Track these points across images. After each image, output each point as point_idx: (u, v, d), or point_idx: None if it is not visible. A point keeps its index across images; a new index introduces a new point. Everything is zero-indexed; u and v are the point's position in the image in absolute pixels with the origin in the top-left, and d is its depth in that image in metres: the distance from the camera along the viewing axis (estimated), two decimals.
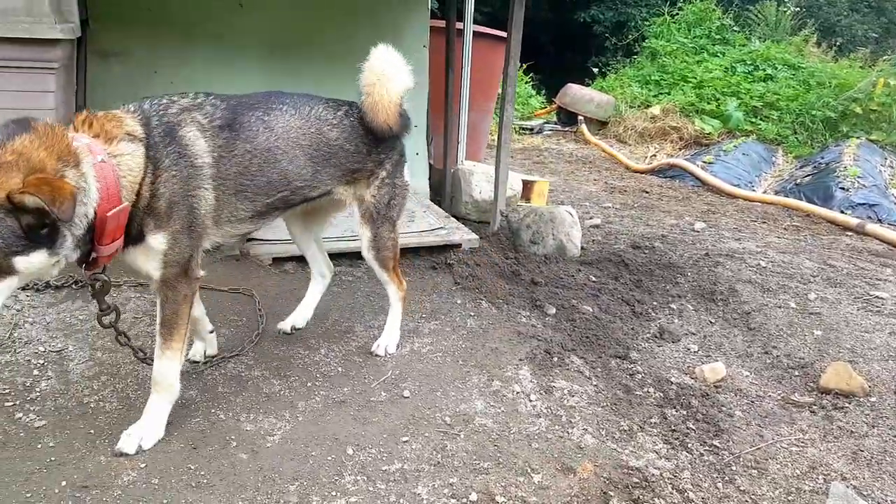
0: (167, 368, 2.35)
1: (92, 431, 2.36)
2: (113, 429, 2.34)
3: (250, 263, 3.88)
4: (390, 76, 2.77)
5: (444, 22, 5.83)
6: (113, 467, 2.19)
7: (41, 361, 2.72)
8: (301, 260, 3.96)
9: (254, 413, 2.57)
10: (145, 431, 2.31)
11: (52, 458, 2.20)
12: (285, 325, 3.19)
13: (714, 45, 12.79)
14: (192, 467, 2.22)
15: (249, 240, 3.99)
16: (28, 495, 2.03)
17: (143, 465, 2.21)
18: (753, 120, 10.03)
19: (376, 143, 2.84)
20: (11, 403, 2.46)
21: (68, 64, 3.72)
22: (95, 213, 1.99)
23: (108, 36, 4.74)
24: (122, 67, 5.11)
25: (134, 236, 2.17)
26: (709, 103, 10.41)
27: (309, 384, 2.81)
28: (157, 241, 2.21)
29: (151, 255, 2.22)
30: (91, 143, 2.02)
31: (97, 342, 2.85)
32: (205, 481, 2.17)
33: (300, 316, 3.23)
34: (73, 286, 3.24)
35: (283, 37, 5.64)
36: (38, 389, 2.56)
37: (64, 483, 2.09)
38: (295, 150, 2.57)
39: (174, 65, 5.28)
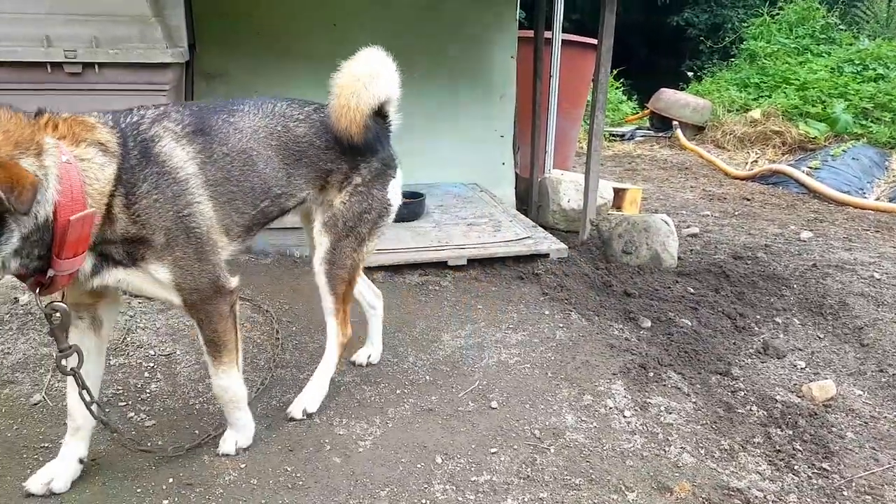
0: (227, 383, 2.27)
1: (197, 431, 2.48)
2: (216, 430, 2.45)
3: None
4: (367, 82, 2.54)
5: (532, 32, 5.81)
6: (216, 466, 2.29)
7: (151, 364, 2.89)
8: (390, 269, 4.03)
9: (346, 418, 2.62)
10: (239, 437, 2.39)
11: (161, 456, 2.33)
12: (361, 358, 3.05)
13: (818, 44, 12.12)
14: (289, 469, 2.30)
15: None
16: (138, 490, 2.16)
17: (242, 466, 2.30)
18: (863, 122, 9.40)
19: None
20: (124, 403, 2.64)
21: (177, 86, 3.96)
22: (55, 215, 1.74)
23: (213, 59, 5.02)
24: (225, 88, 5.39)
25: (119, 261, 1.97)
26: (814, 106, 9.85)
27: (398, 391, 2.85)
28: (160, 272, 2.01)
29: (160, 285, 2.04)
30: (57, 143, 1.81)
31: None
32: (300, 483, 2.23)
33: (374, 351, 3.08)
34: None
35: None
36: (148, 391, 2.73)
37: (171, 480, 2.21)
38: (267, 150, 2.33)
39: (272, 84, 5.53)
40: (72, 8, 3.35)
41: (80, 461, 2.20)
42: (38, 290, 1.86)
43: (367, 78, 2.54)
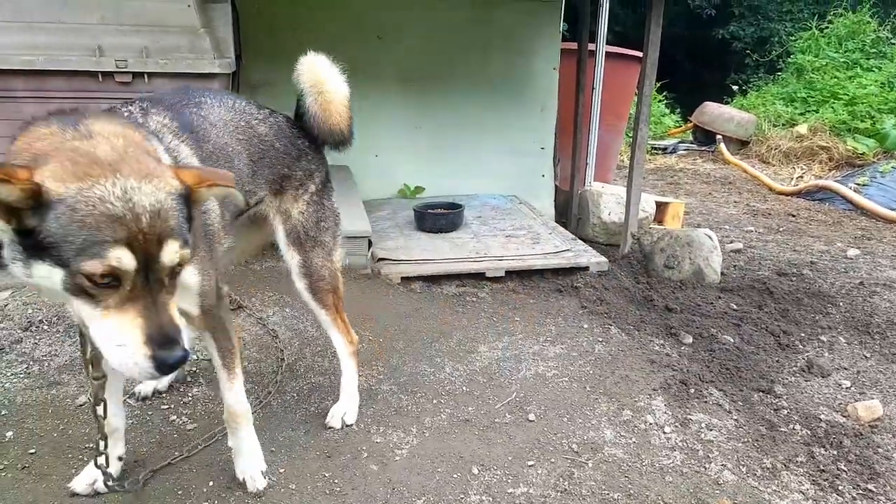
0: (240, 394, 2.19)
1: None
2: (258, 431, 2.50)
3: (380, 283, 4.02)
4: (333, 78, 2.53)
5: (575, 44, 5.82)
6: None
7: (193, 369, 2.96)
8: (428, 280, 4.07)
9: (383, 426, 2.65)
10: (247, 466, 2.27)
11: (201, 459, 2.38)
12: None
13: (868, 59, 11.83)
14: (327, 475, 2.33)
15: (380, 259, 4.15)
16: (179, 492, 2.22)
17: (281, 471, 2.34)
18: None
19: (306, 149, 2.55)
20: (167, 407, 2.70)
21: None
22: None
23: (258, 69, 5.14)
24: (269, 97, 5.51)
25: None
26: (863, 121, 9.61)
27: (434, 401, 2.87)
28: (190, 275, 1.86)
29: (187, 292, 1.88)
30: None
31: (244, 352, 3.07)
32: (338, 489, 2.26)
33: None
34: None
35: (418, 67, 5.88)
36: (190, 395, 2.79)
37: (211, 483, 2.26)
38: (237, 145, 2.24)
39: None
40: (123, 19, 3.47)
41: (119, 458, 2.26)
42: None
43: (333, 77, 2.55)
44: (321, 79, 2.48)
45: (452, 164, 6.02)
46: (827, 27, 12.91)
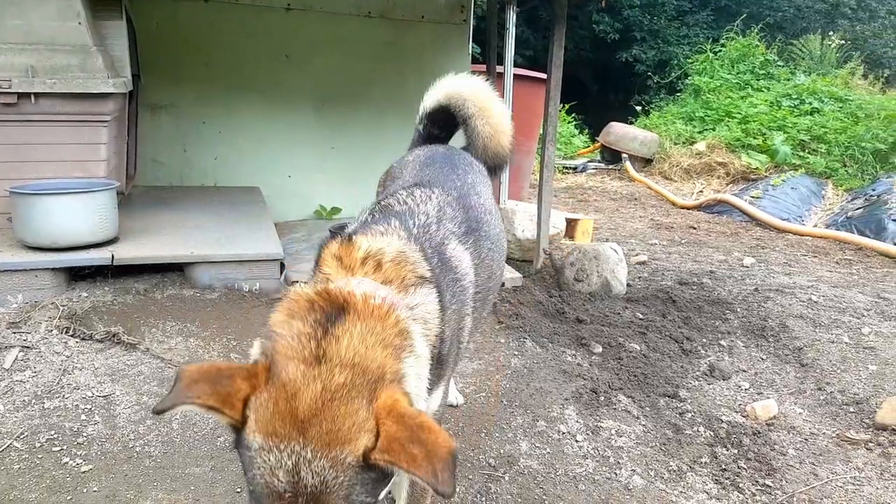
0: None
1: (137, 475, 2.39)
2: (157, 473, 2.39)
3: None
4: (497, 98, 2.56)
5: (484, 66, 5.96)
6: None
7: (89, 406, 2.76)
8: None
9: None
10: None
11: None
12: None
13: (758, 80, 12.68)
14: None
15: (294, 282, 4.08)
16: None
17: None
18: (801, 154, 9.84)
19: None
20: (59, 448, 2.50)
21: (119, 116, 3.91)
22: None
23: (159, 89, 5.00)
24: (171, 119, 5.38)
25: None
26: (755, 138, 10.26)
27: None
28: (435, 398, 1.64)
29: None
30: (393, 299, 1.45)
31: (143, 387, 2.92)
32: None
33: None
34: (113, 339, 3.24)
35: (331, 87, 5.87)
36: (85, 434, 2.60)
37: None
38: (498, 231, 2.14)
39: (221, 115, 5.53)
40: (7, 37, 3.28)
41: None
42: None
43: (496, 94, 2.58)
44: (490, 104, 2.50)
45: (370, 185, 6.01)
46: (720, 50, 13.76)
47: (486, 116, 2.48)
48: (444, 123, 2.63)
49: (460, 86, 2.51)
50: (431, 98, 2.59)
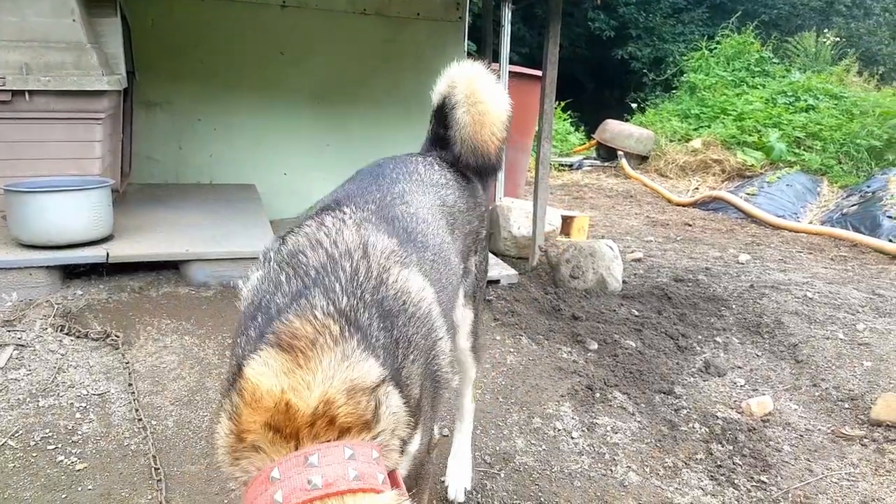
0: None
1: (132, 474, 2.39)
2: (152, 471, 2.38)
3: None
4: (493, 89, 2.21)
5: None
6: None
7: (83, 405, 2.76)
8: None
9: None
10: None
11: (93, 502, 2.23)
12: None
13: (754, 77, 12.69)
14: None
15: None
16: None
17: None
18: (796, 151, 9.86)
19: (474, 190, 2.27)
20: (53, 447, 2.50)
21: (114, 114, 3.89)
22: None
23: (154, 87, 4.98)
24: (167, 116, 5.37)
25: None
26: (750, 135, 10.28)
27: None
28: (412, 445, 1.43)
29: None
30: (370, 474, 1.15)
31: (138, 384, 2.92)
32: None
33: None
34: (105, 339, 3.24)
35: (327, 84, 5.86)
36: (79, 432, 2.59)
37: None
38: (446, 235, 1.93)
39: (217, 113, 5.52)
40: (0, 33, 3.26)
41: None
42: None
43: (497, 85, 2.23)
44: (480, 88, 2.17)
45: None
46: (716, 48, 13.78)
47: (471, 104, 2.15)
48: (448, 121, 2.26)
49: (457, 71, 2.23)
50: (436, 91, 2.28)
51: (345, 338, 1.25)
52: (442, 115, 2.26)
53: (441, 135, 2.28)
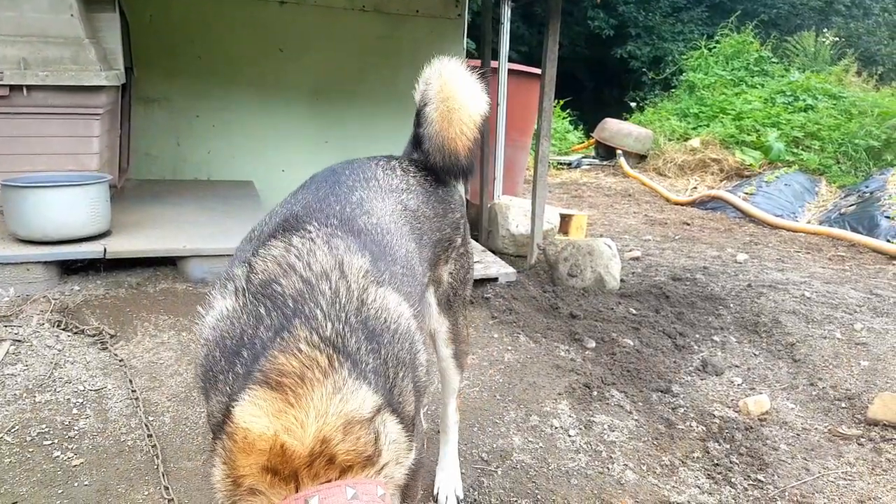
0: None
1: (129, 470, 2.39)
2: (149, 467, 2.38)
3: None
4: (467, 87, 2.09)
5: (479, 62, 5.94)
6: None
7: (80, 400, 2.76)
8: None
9: None
10: None
11: (89, 497, 2.23)
12: None
13: (753, 76, 12.70)
14: None
15: None
16: None
17: None
18: (795, 150, 9.86)
19: (445, 195, 2.18)
20: (50, 442, 2.50)
21: (112, 109, 3.88)
22: None
23: (152, 83, 4.98)
24: (165, 113, 5.37)
25: None
26: (749, 135, 10.28)
27: None
28: (409, 461, 1.37)
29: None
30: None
31: (136, 380, 2.91)
32: None
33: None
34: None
35: (325, 81, 5.86)
36: (76, 428, 2.59)
37: None
38: (408, 242, 1.83)
39: (215, 109, 5.51)
40: None
41: None
42: None
43: (473, 83, 2.10)
44: (453, 86, 2.05)
45: None
46: (715, 47, 13.78)
47: (440, 100, 2.04)
48: (420, 119, 2.18)
49: (432, 68, 2.12)
50: (417, 91, 2.19)
51: (334, 368, 1.20)
52: (418, 115, 2.18)
53: (418, 134, 2.18)
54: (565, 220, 5.89)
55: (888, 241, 6.30)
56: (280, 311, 1.29)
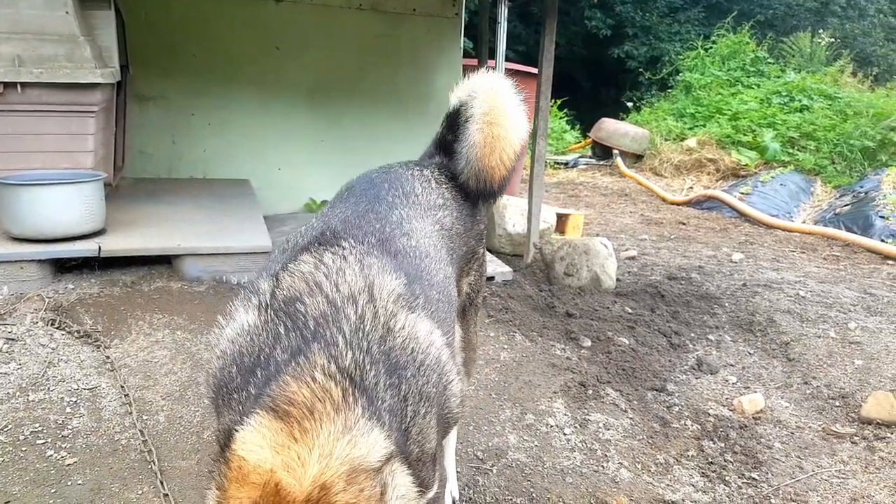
0: None
1: (123, 469, 2.38)
2: (143, 466, 2.37)
3: None
4: (515, 112, 2.02)
5: (476, 61, 5.95)
6: None
7: (74, 399, 2.74)
8: None
9: None
10: None
11: (82, 497, 2.22)
12: None
13: (749, 77, 12.70)
14: None
15: None
16: None
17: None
18: (791, 151, 9.87)
19: (472, 210, 2.11)
20: (43, 441, 2.48)
21: (107, 107, 3.87)
22: None
23: (148, 81, 4.96)
24: (160, 111, 5.35)
25: None
26: (745, 135, 10.29)
27: None
28: (432, 492, 1.35)
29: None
30: None
31: (130, 379, 2.90)
32: None
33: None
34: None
35: (322, 80, 5.85)
36: (70, 427, 2.58)
37: None
38: (445, 267, 1.79)
39: (211, 107, 5.50)
40: None
41: None
42: None
43: (520, 106, 2.03)
44: (502, 110, 1.98)
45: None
46: (712, 47, 13.78)
47: (486, 122, 1.96)
48: (458, 133, 2.09)
49: (481, 81, 2.04)
50: (454, 95, 2.11)
51: (348, 404, 1.12)
52: (454, 123, 2.09)
53: (448, 141, 2.12)
54: (562, 219, 5.89)
55: (883, 240, 6.31)
56: (299, 333, 1.23)
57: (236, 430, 1.12)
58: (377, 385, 1.19)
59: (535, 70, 6.11)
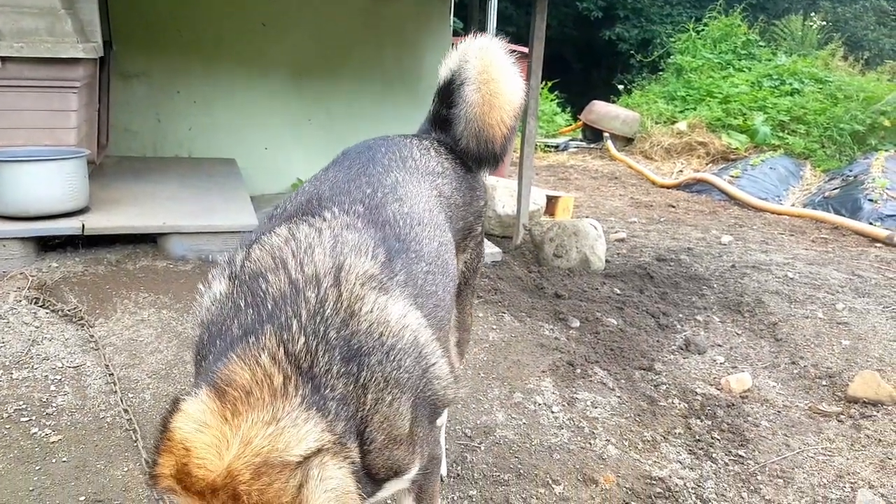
0: None
1: (108, 446, 2.37)
2: (128, 443, 2.35)
3: None
4: (509, 70, 1.99)
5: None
6: (126, 482, 2.20)
7: (58, 377, 2.72)
8: None
9: None
10: None
11: (67, 474, 2.20)
12: None
13: (740, 60, 12.67)
14: None
15: None
16: None
17: None
18: (781, 134, 9.88)
19: (473, 182, 2.08)
20: (27, 419, 2.47)
21: (90, 83, 3.80)
22: None
23: (132, 58, 4.89)
24: (145, 88, 5.28)
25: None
26: (735, 118, 10.29)
27: None
28: (411, 472, 1.35)
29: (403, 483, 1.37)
30: None
31: (115, 358, 2.88)
32: None
33: None
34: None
35: (309, 59, 5.78)
36: (54, 405, 2.56)
37: (83, 498, 2.10)
38: (443, 234, 1.74)
39: (196, 85, 5.43)
40: None
41: None
42: None
43: (513, 66, 1.99)
44: (497, 68, 1.95)
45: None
46: (703, 30, 13.72)
47: (482, 81, 1.92)
48: (453, 99, 2.03)
49: (471, 44, 1.99)
50: (445, 66, 2.06)
51: (286, 392, 1.09)
52: (447, 94, 2.05)
53: (443, 115, 2.07)
54: (552, 201, 5.88)
55: (871, 223, 6.34)
56: (256, 311, 1.20)
57: (183, 400, 1.11)
58: (328, 373, 1.15)
59: (525, 49, 6.07)
